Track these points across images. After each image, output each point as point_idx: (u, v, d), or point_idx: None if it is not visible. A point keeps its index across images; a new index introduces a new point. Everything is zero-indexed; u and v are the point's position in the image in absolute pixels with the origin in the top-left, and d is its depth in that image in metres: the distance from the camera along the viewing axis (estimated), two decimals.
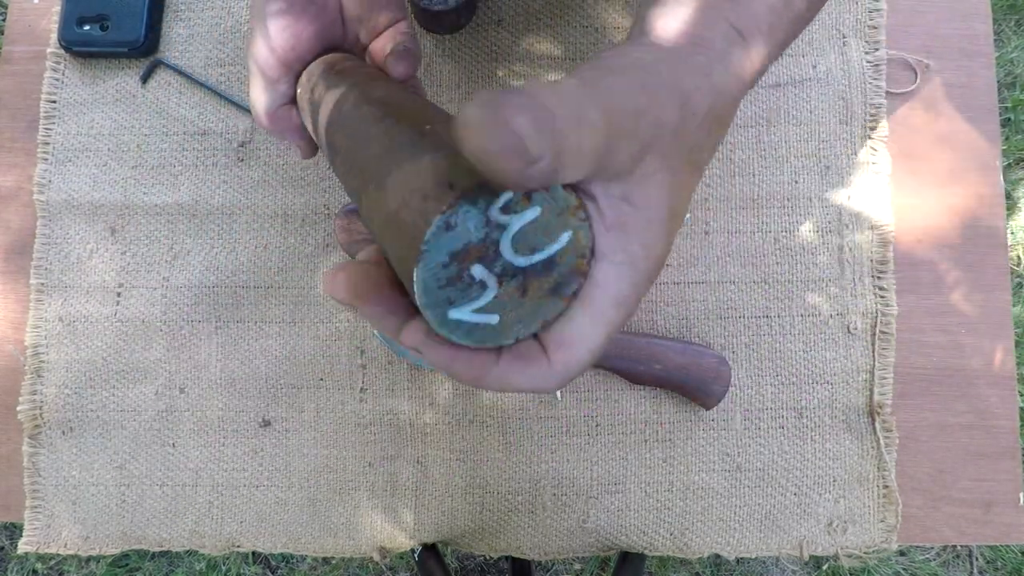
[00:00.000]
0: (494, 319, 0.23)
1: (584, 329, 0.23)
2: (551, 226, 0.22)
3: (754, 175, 0.52)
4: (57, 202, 0.52)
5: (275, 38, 0.33)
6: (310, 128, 0.35)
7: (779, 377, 0.50)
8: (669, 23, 0.27)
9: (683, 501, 0.49)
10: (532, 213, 0.21)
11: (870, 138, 0.52)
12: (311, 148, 0.38)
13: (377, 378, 0.50)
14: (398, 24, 0.37)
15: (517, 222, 0.21)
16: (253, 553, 1.10)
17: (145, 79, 0.53)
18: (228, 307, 0.51)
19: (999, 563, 1.10)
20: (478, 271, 0.21)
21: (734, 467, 0.50)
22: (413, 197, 0.21)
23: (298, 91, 0.35)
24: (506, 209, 0.21)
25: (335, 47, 0.36)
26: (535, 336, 0.24)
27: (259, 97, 0.35)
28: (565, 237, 0.22)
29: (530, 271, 0.22)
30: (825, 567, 1.09)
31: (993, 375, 0.51)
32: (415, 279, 0.21)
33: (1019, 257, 1.20)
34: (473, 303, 0.22)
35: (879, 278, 0.50)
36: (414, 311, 0.23)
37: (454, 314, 0.22)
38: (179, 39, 0.54)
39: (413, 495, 0.50)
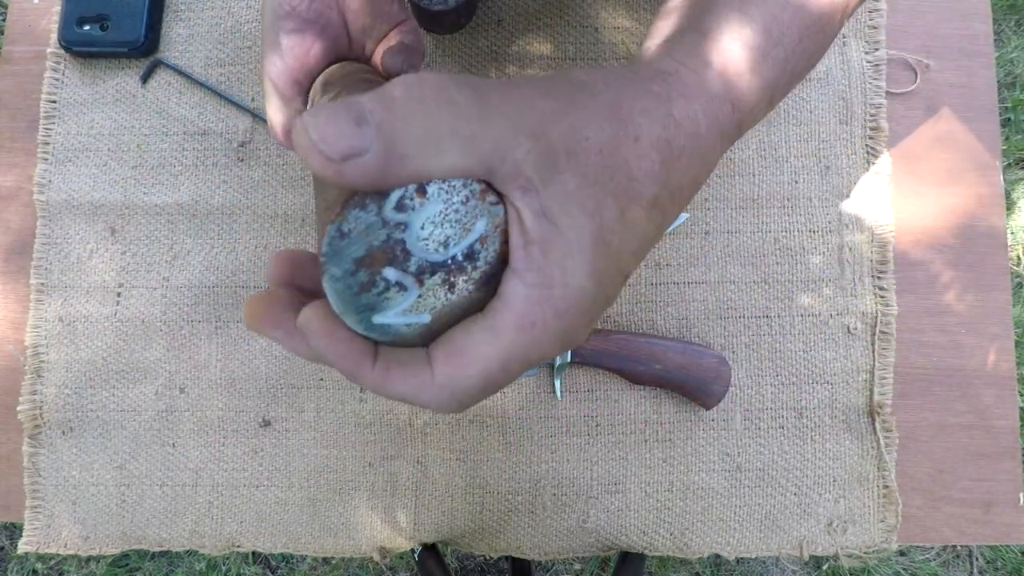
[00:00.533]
0: (424, 318, 0.22)
1: (478, 345, 0.21)
2: (462, 216, 0.21)
3: (754, 175, 0.52)
4: (57, 202, 0.52)
5: (287, 56, 0.34)
6: None
7: (779, 377, 0.50)
8: (641, 54, 0.27)
9: (683, 501, 0.49)
10: (433, 206, 0.20)
11: (870, 138, 0.52)
12: None
13: None
14: (401, 25, 0.37)
15: (417, 218, 0.20)
16: (253, 553, 1.10)
17: (145, 79, 0.53)
18: (228, 307, 0.51)
19: (999, 563, 1.10)
20: (391, 274, 0.21)
21: (734, 467, 0.50)
22: (323, 211, 0.21)
23: (308, 107, 0.36)
24: (401, 207, 0.20)
25: (344, 59, 0.37)
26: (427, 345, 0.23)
27: (275, 115, 0.36)
28: (480, 225, 0.21)
29: (451, 265, 0.21)
30: (825, 567, 1.09)
31: (993, 375, 0.51)
32: (325, 291, 0.20)
33: (1019, 257, 1.20)
34: (397, 306, 0.21)
35: (879, 278, 0.50)
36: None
37: (379, 319, 0.21)
38: (179, 39, 0.54)
39: (413, 495, 0.50)
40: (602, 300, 0.22)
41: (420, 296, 0.22)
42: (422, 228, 0.20)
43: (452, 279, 0.22)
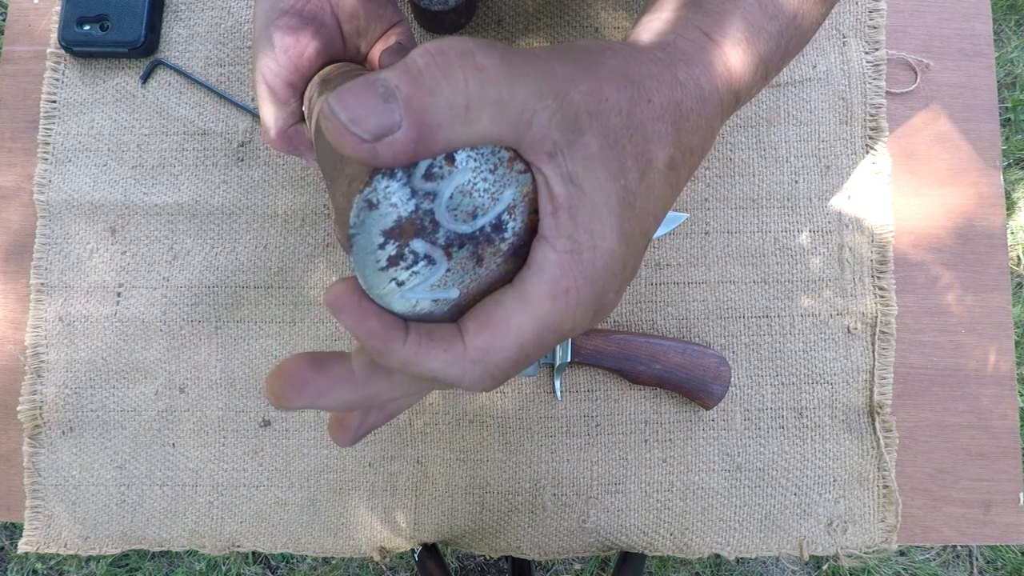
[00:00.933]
0: (453, 293, 0.21)
1: (512, 315, 0.20)
2: (490, 185, 0.20)
3: (754, 175, 0.52)
4: (57, 202, 0.52)
5: (282, 57, 0.34)
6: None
7: (779, 377, 0.50)
8: (638, 30, 0.28)
9: (683, 501, 0.49)
10: (462, 175, 0.20)
11: (870, 138, 0.52)
12: None
13: None
14: (395, 27, 0.38)
15: (446, 187, 0.20)
16: (253, 553, 1.10)
17: (145, 79, 0.53)
18: (228, 307, 0.51)
19: (999, 563, 1.10)
20: (419, 246, 0.20)
21: (734, 467, 0.50)
22: (344, 184, 0.20)
23: (303, 108, 0.35)
24: (429, 176, 0.19)
25: (337, 61, 0.37)
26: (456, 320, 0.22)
27: (269, 117, 0.36)
28: (508, 195, 0.21)
29: (479, 237, 0.21)
30: (825, 567, 1.09)
31: (993, 375, 0.51)
32: (353, 265, 0.20)
33: (1019, 257, 1.20)
34: (425, 280, 0.21)
35: (879, 278, 0.50)
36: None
37: (408, 295, 0.21)
38: (179, 39, 0.54)
39: (413, 495, 0.50)
40: (631, 263, 0.22)
41: (449, 270, 0.21)
42: (451, 198, 0.20)
43: (480, 252, 0.21)
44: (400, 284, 0.20)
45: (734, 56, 0.27)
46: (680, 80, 0.24)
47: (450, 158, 0.19)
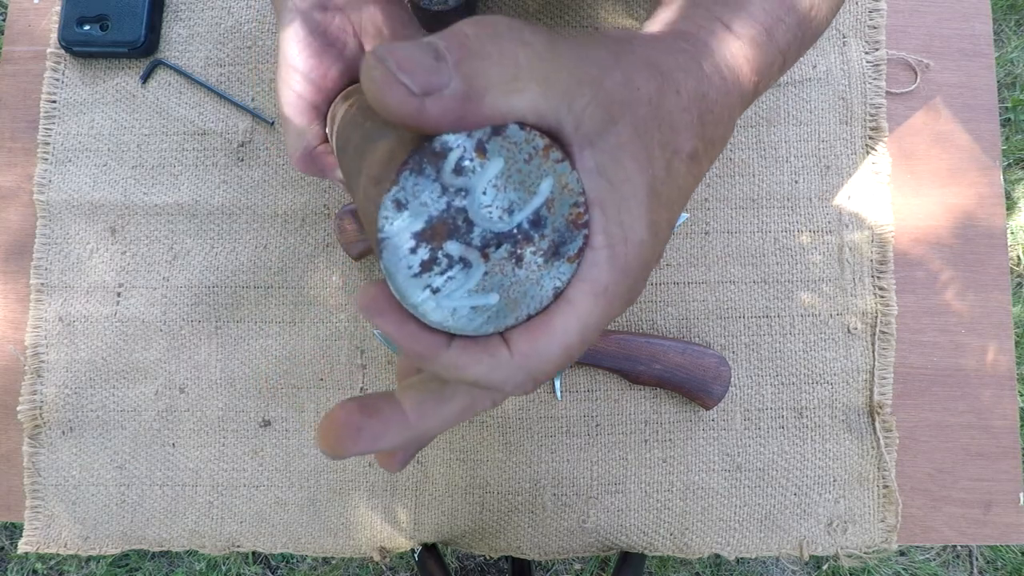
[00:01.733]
0: (493, 298, 0.20)
1: (555, 319, 0.20)
2: (525, 177, 0.19)
3: (754, 175, 0.52)
4: (57, 202, 0.52)
5: (303, 82, 0.34)
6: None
7: (779, 377, 0.50)
8: (656, 21, 0.28)
9: (683, 501, 0.49)
10: (494, 167, 0.18)
11: (870, 138, 0.52)
12: None
13: (377, 378, 0.51)
14: None
15: (479, 181, 0.18)
16: (253, 553, 1.10)
17: (145, 79, 0.53)
18: (228, 307, 0.51)
19: (999, 563, 1.10)
20: (454, 248, 0.19)
21: (734, 467, 0.50)
22: (368, 186, 0.19)
23: (327, 129, 0.35)
24: (460, 170, 0.18)
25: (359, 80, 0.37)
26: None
27: (293, 142, 0.36)
28: (546, 186, 0.19)
29: (517, 235, 0.19)
30: (825, 567, 1.09)
31: (992, 375, 0.51)
32: (384, 271, 0.19)
33: (1019, 257, 1.20)
34: (462, 285, 0.19)
35: (879, 278, 0.50)
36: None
37: (445, 302, 0.19)
38: (179, 39, 0.54)
39: (413, 495, 0.50)
40: (658, 251, 0.22)
41: (486, 273, 0.19)
42: (484, 194, 0.18)
43: (519, 251, 0.19)
44: (436, 291, 0.19)
45: (754, 48, 0.27)
46: (706, 72, 0.24)
47: (481, 149, 0.18)
